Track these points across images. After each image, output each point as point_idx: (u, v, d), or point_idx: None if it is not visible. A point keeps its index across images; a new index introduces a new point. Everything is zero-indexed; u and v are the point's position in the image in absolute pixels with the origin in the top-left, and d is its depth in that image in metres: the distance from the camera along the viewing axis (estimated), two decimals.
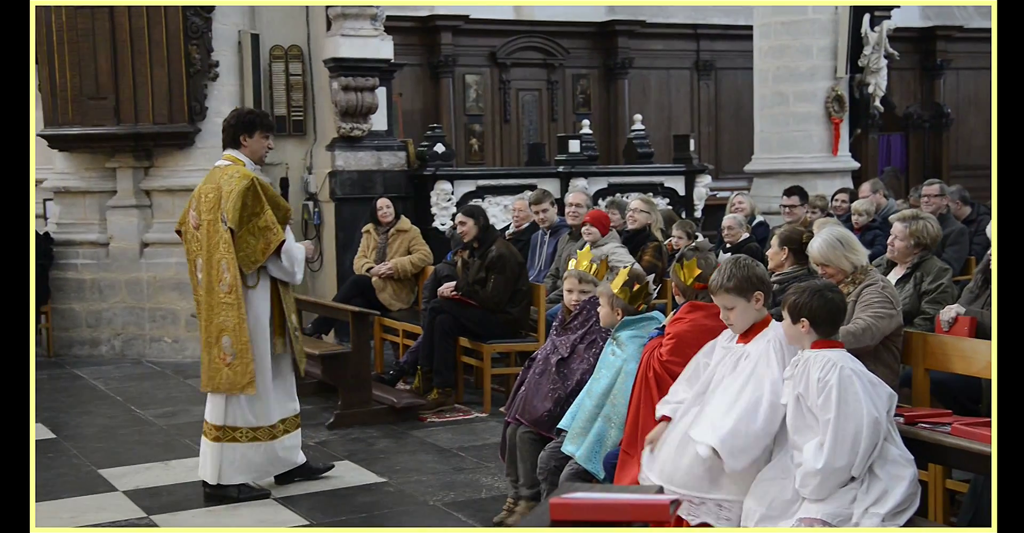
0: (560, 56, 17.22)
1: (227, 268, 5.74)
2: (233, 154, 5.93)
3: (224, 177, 5.82)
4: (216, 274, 5.79)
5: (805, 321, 4.07)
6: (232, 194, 5.70)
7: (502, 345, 7.99)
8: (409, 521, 5.62)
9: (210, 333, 5.84)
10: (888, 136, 18.25)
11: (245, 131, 5.92)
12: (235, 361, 5.77)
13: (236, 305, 5.76)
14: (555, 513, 2.82)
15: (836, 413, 3.89)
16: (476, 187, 11.39)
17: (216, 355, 5.82)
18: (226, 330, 5.78)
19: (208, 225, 5.82)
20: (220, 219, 5.75)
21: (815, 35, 13.03)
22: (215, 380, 5.84)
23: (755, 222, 10.25)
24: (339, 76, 10.58)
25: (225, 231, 5.73)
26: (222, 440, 5.86)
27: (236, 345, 5.76)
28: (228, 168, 5.86)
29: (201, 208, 5.87)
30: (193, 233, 5.95)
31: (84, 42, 9.85)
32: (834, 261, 5.08)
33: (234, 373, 5.78)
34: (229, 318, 5.77)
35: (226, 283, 5.76)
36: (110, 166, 10.33)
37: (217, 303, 5.81)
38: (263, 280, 5.86)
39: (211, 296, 5.83)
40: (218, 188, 5.81)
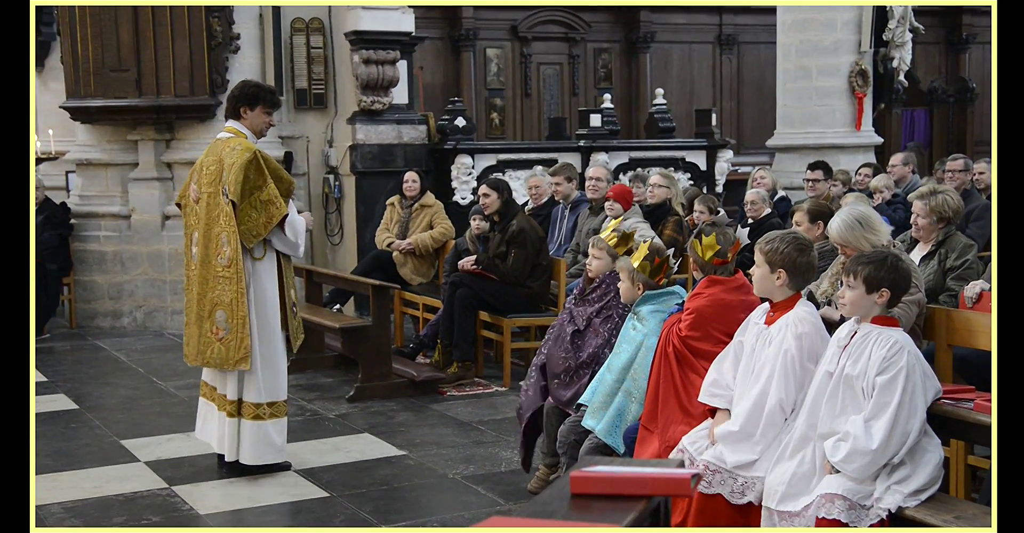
0: (582, 30, 17.14)
1: (227, 241, 5.65)
2: (234, 126, 5.85)
3: (226, 149, 5.72)
4: (214, 247, 5.70)
5: (887, 291, 4.03)
6: (234, 167, 5.60)
7: (522, 319, 7.99)
8: (428, 494, 5.64)
9: (203, 307, 5.75)
10: (912, 111, 18.10)
11: (247, 103, 5.84)
12: (228, 336, 5.67)
13: (235, 279, 5.65)
14: (575, 486, 2.81)
15: (899, 399, 3.86)
16: (496, 161, 11.36)
17: (208, 329, 5.72)
18: (220, 304, 5.69)
19: (208, 198, 5.73)
20: (221, 192, 5.66)
21: (839, 8, 12.91)
22: (205, 354, 5.76)
23: (777, 197, 10.19)
24: (360, 49, 10.55)
25: (226, 204, 5.63)
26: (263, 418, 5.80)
27: (231, 320, 5.66)
28: (230, 140, 5.77)
29: (202, 181, 5.79)
30: (192, 207, 5.88)
31: (106, 15, 9.85)
32: (853, 242, 5.03)
33: (226, 348, 5.68)
34: (225, 292, 5.67)
35: (225, 256, 5.66)
36: (132, 138, 10.34)
37: (213, 277, 5.71)
38: (269, 252, 5.78)
39: (206, 269, 5.74)
40: (220, 160, 5.71)
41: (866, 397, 3.94)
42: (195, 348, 5.83)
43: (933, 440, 3.94)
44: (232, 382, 5.80)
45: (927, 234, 5.95)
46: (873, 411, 3.89)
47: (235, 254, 5.63)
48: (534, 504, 2.86)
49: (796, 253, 4.32)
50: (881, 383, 3.90)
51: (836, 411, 3.99)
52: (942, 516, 3.77)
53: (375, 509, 5.37)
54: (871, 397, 3.91)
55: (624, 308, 5.18)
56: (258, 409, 5.79)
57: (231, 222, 5.62)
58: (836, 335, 4.14)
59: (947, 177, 9.02)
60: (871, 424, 3.87)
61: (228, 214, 5.63)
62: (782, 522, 3.98)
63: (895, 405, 3.86)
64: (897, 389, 3.87)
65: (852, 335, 4.07)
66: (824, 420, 4.00)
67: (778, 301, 4.35)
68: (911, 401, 3.88)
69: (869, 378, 3.93)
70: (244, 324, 5.66)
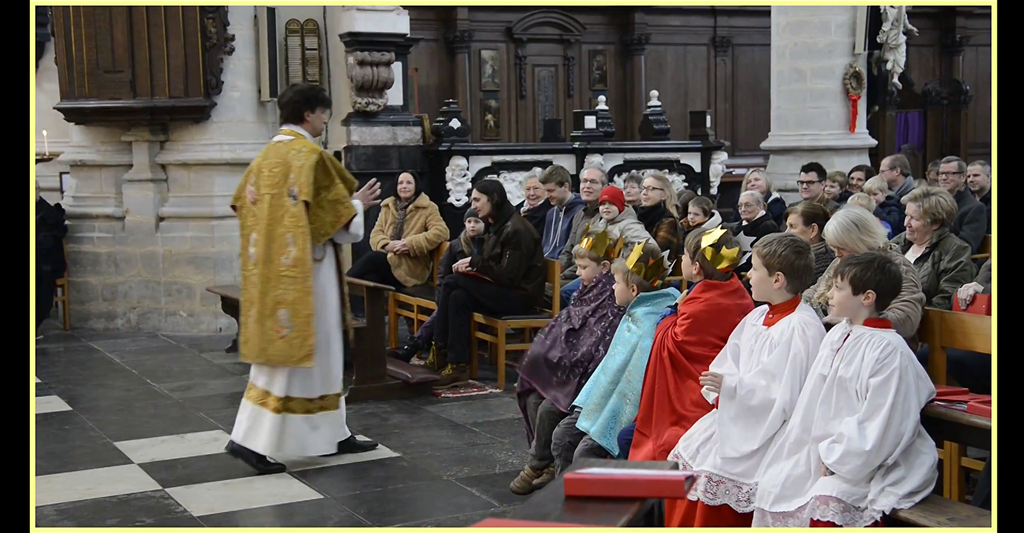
0: (576, 32, 17.14)
1: (293, 241, 5.76)
2: (293, 129, 5.99)
3: (291, 152, 5.84)
4: (277, 247, 5.80)
5: (872, 293, 4.04)
6: (304, 168, 5.74)
7: (517, 321, 7.99)
8: (423, 496, 5.63)
9: (265, 305, 5.84)
10: (906, 113, 18.11)
11: (309, 107, 6.00)
12: (292, 334, 5.78)
13: (300, 278, 5.77)
14: (569, 488, 2.81)
15: (892, 401, 3.86)
16: (491, 163, 11.36)
17: (270, 327, 5.82)
18: (283, 303, 5.79)
19: (272, 199, 5.83)
20: (287, 193, 5.78)
21: (833, 11, 12.93)
22: (267, 351, 5.85)
23: (771, 199, 10.20)
24: (355, 51, 10.55)
25: (293, 205, 5.76)
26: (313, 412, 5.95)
27: (295, 318, 5.77)
28: (293, 143, 5.90)
29: (261, 183, 5.88)
30: (250, 208, 5.96)
31: (100, 15, 9.84)
32: (849, 244, 5.04)
33: (289, 346, 5.78)
34: (289, 291, 5.78)
35: (291, 256, 5.77)
36: (126, 140, 10.33)
37: (276, 276, 5.81)
38: (328, 254, 5.94)
39: (268, 269, 5.83)
40: (284, 163, 5.82)
41: (860, 399, 3.94)
42: (256, 346, 5.88)
43: (927, 442, 3.95)
44: (281, 379, 5.89)
45: (921, 236, 5.97)
46: (867, 413, 3.89)
47: (302, 254, 5.76)
48: (528, 506, 2.86)
49: (794, 256, 4.32)
50: (874, 385, 3.90)
51: (830, 414, 4.00)
52: (936, 518, 3.78)
53: (369, 511, 5.37)
54: (864, 399, 3.92)
55: (619, 307, 5.19)
56: (310, 403, 5.94)
57: (298, 222, 5.75)
58: (828, 337, 4.15)
59: (941, 179, 9.04)
60: (865, 425, 3.87)
61: (294, 214, 5.76)
62: (775, 523, 3.98)
63: (888, 406, 3.86)
64: (890, 390, 3.88)
65: (845, 337, 4.07)
66: (818, 423, 4.01)
67: (777, 304, 4.35)
68: (904, 402, 3.88)
69: (862, 380, 3.93)
70: (308, 323, 5.78)
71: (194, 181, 10.25)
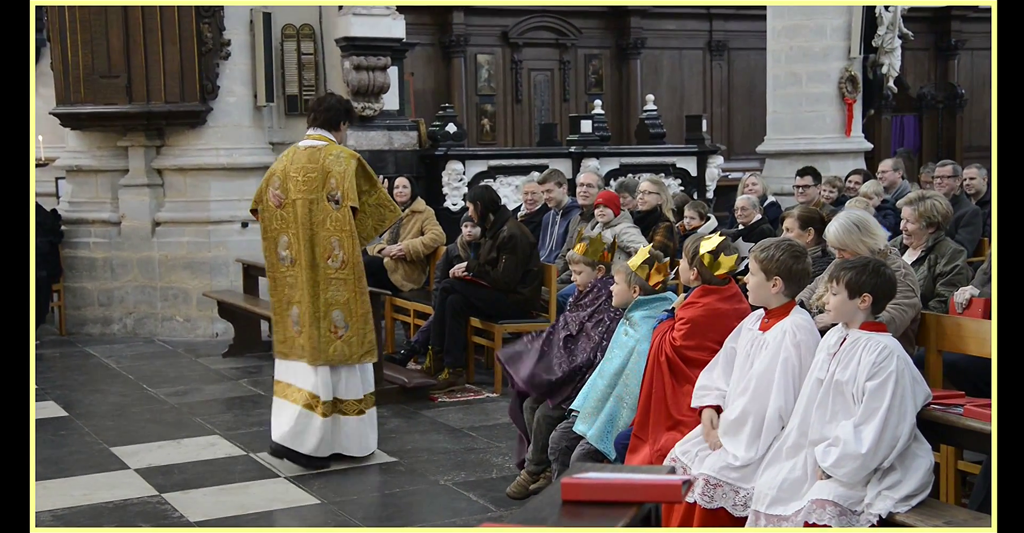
0: (572, 36, 17.17)
1: (339, 245, 5.92)
2: (326, 134, 6.06)
3: (329, 157, 5.92)
4: (322, 251, 5.94)
5: (868, 296, 4.04)
6: (347, 174, 5.87)
7: (513, 325, 7.98)
8: (420, 500, 5.63)
9: (316, 308, 5.96)
10: (901, 117, 18.17)
11: (348, 118, 6.20)
12: (348, 333, 5.97)
13: (352, 279, 5.96)
14: (567, 493, 2.81)
15: (889, 404, 3.87)
16: (487, 167, 11.38)
17: (326, 329, 5.97)
18: (336, 305, 5.97)
19: (307, 204, 5.92)
20: (327, 198, 5.89)
21: (829, 15, 12.95)
22: (327, 352, 5.98)
23: (767, 203, 10.22)
24: (351, 55, 10.56)
25: (336, 209, 5.88)
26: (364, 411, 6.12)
27: (350, 318, 5.97)
28: (329, 148, 5.98)
29: (290, 187, 5.96)
30: (274, 211, 6.04)
31: (96, 20, 9.84)
32: (850, 245, 5.05)
33: (347, 345, 5.98)
34: (340, 292, 5.96)
35: (338, 259, 5.93)
36: (122, 145, 10.33)
37: (324, 279, 5.96)
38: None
39: (315, 273, 5.96)
40: (321, 167, 5.90)
41: (856, 402, 3.94)
42: (314, 348, 5.99)
43: (923, 445, 3.95)
44: (328, 381, 6.01)
45: (917, 240, 5.97)
46: (863, 416, 3.90)
47: (349, 257, 5.95)
48: (525, 510, 2.86)
49: (792, 260, 4.32)
50: (870, 388, 3.91)
51: (826, 417, 4.00)
52: (932, 521, 3.78)
53: (366, 516, 5.36)
54: (861, 402, 3.92)
55: (615, 312, 5.19)
56: (361, 403, 6.12)
57: (343, 226, 5.90)
58: (825, 341, 4.15)
59: (936, 183, 9.05)
60: (861, 429, 3.88)
61: (338, 219, 5.90)
62: (770, 526, 3.99)
63: (884, 410, 3.87)
64: (886, 394, 3.88)
65: (841, 342, 4.08)
66: (815, 427, 4.01)
67: (773, 308, 4.35)
68: (900, 406, 3.89)
69: (859, 383, 3.94)
70: (366, 321, 6.02)
71: (190, 186, 10.25)
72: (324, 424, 5.98)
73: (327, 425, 6.00)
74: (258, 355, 9.28)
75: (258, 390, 8.05)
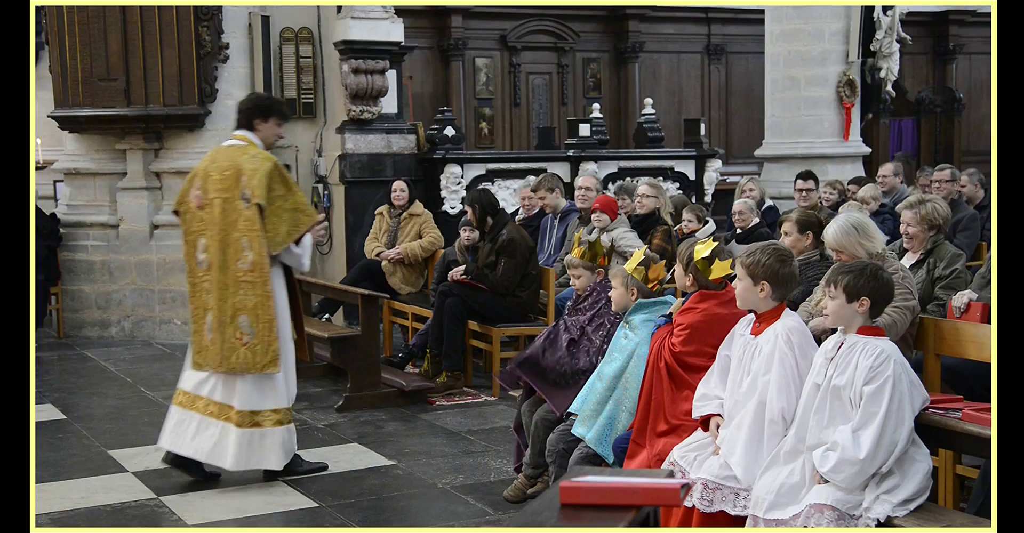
0: (571, 40, 17.17)
1: (249, 246, 5.65)
2: (245, 134, 5.87)
3: (244, 156, 5.73)
4: (233, 253, 5.69)
5: (867, 300, 4.04)
6: (258, 173, 5.63)
7: (511, 329, 7.99)
8: (418, 504, 5.63)
9: (223, 312, 5.73)
10: (900, 121, 18.18)
11: (261, 115, 5.89)
12: (254, 340, 5.69)
13: (259, 283, 5.67)
14: (565, 496, 2.81)
15: (887, 409, 3.87)
16: (486, 171, 11.37)
17: (231, 335, 5.71)
18: (244, 309, 5.70)
19: (223, 203, 5.71)
20: (239, 197, 5.66)
21: (827, 19, 12.95)
22: (230, 360, 5.74)
23: (765, 207, 10.22)
24: (349, 59, 10.56)
25: (247, 209, 5.65)
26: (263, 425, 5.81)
27: (256, 324, 5.68)
28: (246, 148, 5.80)
29: (209, 187, 5.76)
30: (195, 213, 5.83)
31: (95, 23, 9.84)
32: (848, 247, 5.05)
33: (252, 353, 5.70)
34: (249, 296, 5.68)
35: (247, 261, 5.66)
36: (120, 148, 10.33)
37: (234, 281, 5.71)
38: (276, 263, 5.80)
39: (225, 275, 5.72)
40: (236, 166, 5.70)
41: (854, 407, 3.94)
42: (217, 355, 5.77)
43: (921, 450, 3.95)
44: (242, 391, 5.77)
45: (918, 243, 5.98)
46: (861, 421, 3.90)
47: (258, 258, 5.65)
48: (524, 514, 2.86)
49: (778, 264, 4.33)
50: (868, 393, 3.90)
51: (824, 422, 4.00)
52: (931, 526, 3.78)
53: (364, 519, 5.36)
54: (858, 407, 3.92)
55: (615, 315, 5.18)
56: (277, 414, 5.83)
57: (253, 226, 5.63)
58: (823, 347, 4.15)
59: (934, 187, 9.06)
60: (859, 434, 3.88)
61: (249, 218, 5.64)
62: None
63: (882, 414, 3.86)
64: (884, 399, 3.88)
65: (839, 346, 4.08)
66: (812, 431, 4.01)
67: (763, 312, 4.36)
68: (898, 410, 3.89)
69: (856, 388, 3.94)
70: (271, 328, 5.69)
71: None
72: (241, 437, 5.74)
73: (245, 438, 5.75)
74: None
75: None
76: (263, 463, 5.86)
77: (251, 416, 5.78)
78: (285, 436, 5.86)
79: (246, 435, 5.77)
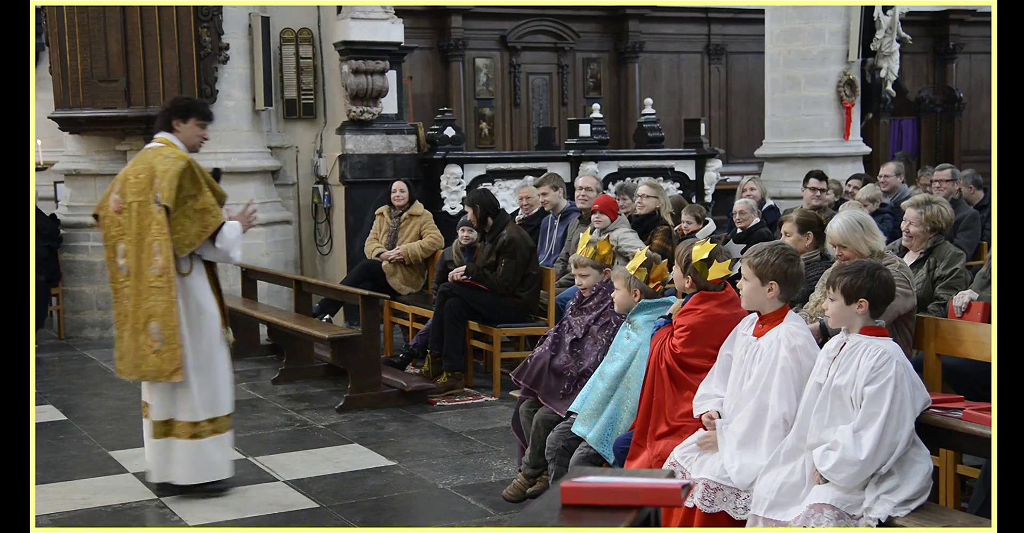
0: (570, 40, 17.17)
1: (159, 250, 5.47)
2: (166, 137, 5.72)
3: (158, 157, 5.58)
4: (147, 258, 5.51)
5: (865, 302, 4.03)
6: (168, 173, 5.46)
7: (512, 329, 7.99)
8: (418, 504, 5.63)
9: (137, 319, 5.55)
10: (900, 121, 18.17)
11: (179, 116, 5.73)
12: (163, 347, 5.49)
13: (166, 288, 5.47)
14: (566, 497, 2.81)
15: (888, 410, 3.86)
16: (486, 171, 11.37)
17: (144, 342, 5.54)
18: (154, 316, 5.51)
19: (138, 207, 5.55)
20: (153, 200, 5.49)
21: (827, 18, 12.95)
22: (141, 367, 5.58)
23: (765, 207, 10.21)
24: (349, 59, 10.57)
25: (158, 211, 5.47)
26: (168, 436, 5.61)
27: (164, 330, 5.49)
28: (162, 149, 5.65)
29: (127, 190, 5.60)
30: (114, 217, 5.66)
31: (95, 24, 9.85)
32: (853, 243, 5.06)
33: (161, 360, 5.50)
34: (158, 303, 5.50)
35: (157, 266, 5.48)
36: (121, 149, 10.33)
37: (146, 288, 5.52)
38: (197, 265, 5.61)
39: (140, 281, 5.54)
40: (150, 168, 5.55)
41: (855, 407, 3.94)
42: (131, 362, 5.62)
43: (922, 450, 3.95)
44: (162, 400, 5.62)
45: (918, 243, 5.97)
46: (862, 421, 3.89)
47: (167, 263, 5.47)
48: (525, 514, 2.87)
49: (786, 264, 4.32)
50: (869, 393, 3.90)
51: (825, 422, 4.00)
52: (932, 526, 3.77)
53: (365, 520, 5.36)
54: (859, 407, 3.92)
55: (621, 314, 5.17)
56: (195, 427, 5.60)
57: (163, 230, 5.46)
58: (826, 347, 4.15)
59: (934, 187, 9.05)
60: (860, 434, 3.87)
61: (160, 222, 5.47)
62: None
63: (884, 415, 3.86)
64: (885, 399, 3.88)
65: (841, 346, 4.07)
66: (813, 431, 4.01)
67: (767, 313, 4.35)
68: (900, 411, 3.88)
69: (857, 388, 3.93)
70: (175, 335, 5.48)
71: None
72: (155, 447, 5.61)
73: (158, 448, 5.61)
74: (257, 359, 9.29)
75: (257, 394, 8.04)
76: (170, 476, 5.65)
77: (163, 426, 5.62)
78: (200, 450, 5.60)
79: (159, 445, 5.62)
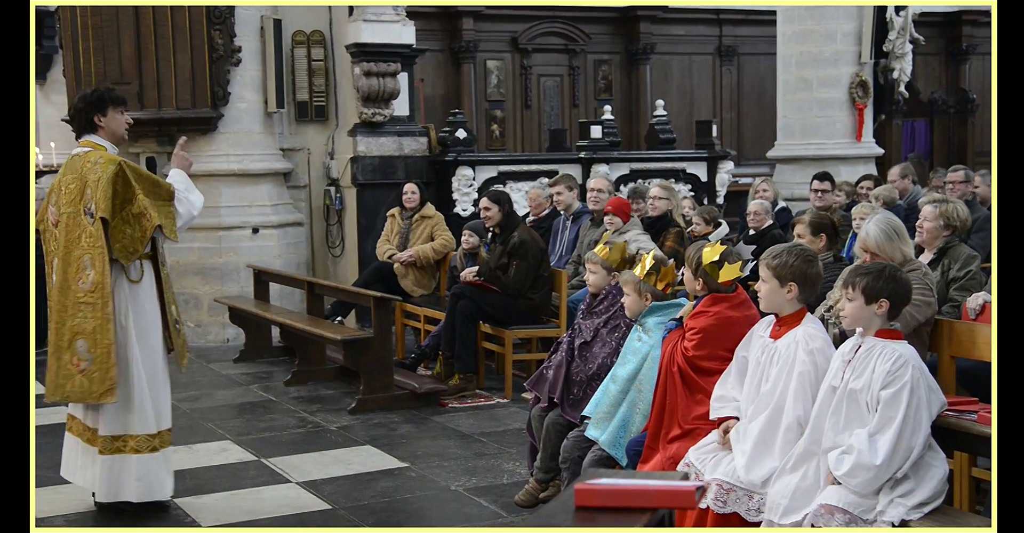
0: (582, 42, 17.16)
1: (91, 264, 5.16)
2: (91, 139, 5.41)
3: (87, 165, 5.24)
4: (74, 272, 5.20)
5: (885, 302, 4.01)
6: (100, 182, 5.15)
7: (523, 331, 7.99)
8: (430, 506, 5.63)
9: (61, 336, 5.23)
10: (912, 122, 18.13)
11: (98, 111, 5.40)
12: (91, 367, 5.16)
13: (99, 305, 5.15)
14: (580, 499, 2.81)
15: (904, 414, 3.83)
16: (497, 173, 11.37)
17: (68, 361, 5.20)
18: (82, 333, 5.18)
19: (68, 218, 5.24)
20: (83, 211, 5.20)
21: (839, 19, 12.93)
22: (65, 388, 5.23)
23: (778, 208, 10.20)
24: (361, 61, 10.58)
25: (90, 224, 5.17)
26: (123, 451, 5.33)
27: (94, 349, 5.16)
28: (89, 155, 5.31)
29: (60, 202, 5.30)
30: (52, 231, 5.36)
31: (108, 27, 9.87)
32: (888, 251, 5.03)
33: (89, 380, 5.17)
34: (88, 320, 5.17)
35: (88, 281, 5.16)
36: (133, 151, 10.35)
37: (73, 303, 5.20)
38: (147, 273, 5.37)
39: (65, 296, 5.22)
40: (81, 178, 5.24)
41: (870, 411, 3.91)
42: (52, 382, 5.27)
43: (938, 454, 3.92)
44: (115, 415, 5.31)
45: (931, 240, 5.95)
46: (878, 425, 3.87)
47: (100, 277, 5.15)
48: (538, 516, 2.87)
49: (805, 265, 4.31)
50: (885, 397, 3.87)
51: (840, 425, 3.97)
52: (947, 529, 3.76)
53: (377, 521, 5.36)
54: (875, 411, 3.90)
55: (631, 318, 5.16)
56: (153, 440, 5.37)
57: (96, 243, 5.16)
58: (841, 349, 4.12)
59: (948, 188, 9.02)
60: (876, 439, 3.84)
61: (92, 234, 5.17)
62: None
63: (900, 420, 3.83)
64: (902, 403, 3.85)
65: (856, 349, 4.05)
66: (828, 434, 3.99)
67: (785, 315, 4.33)
68: (916, 416, 3.85)
69: (873, 392, 3.91)
70: (109, 354, 5.15)
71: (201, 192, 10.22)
72: (106, 463, 5.31)
73: (107, 465, 5.31)
74: (269, 361, 9.30)
75: (269, 395, 8.06)
76: (120, 494, 5.38)
77: (114, 441, 5.32)
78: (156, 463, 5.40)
79: (108, 462, 5.33)
